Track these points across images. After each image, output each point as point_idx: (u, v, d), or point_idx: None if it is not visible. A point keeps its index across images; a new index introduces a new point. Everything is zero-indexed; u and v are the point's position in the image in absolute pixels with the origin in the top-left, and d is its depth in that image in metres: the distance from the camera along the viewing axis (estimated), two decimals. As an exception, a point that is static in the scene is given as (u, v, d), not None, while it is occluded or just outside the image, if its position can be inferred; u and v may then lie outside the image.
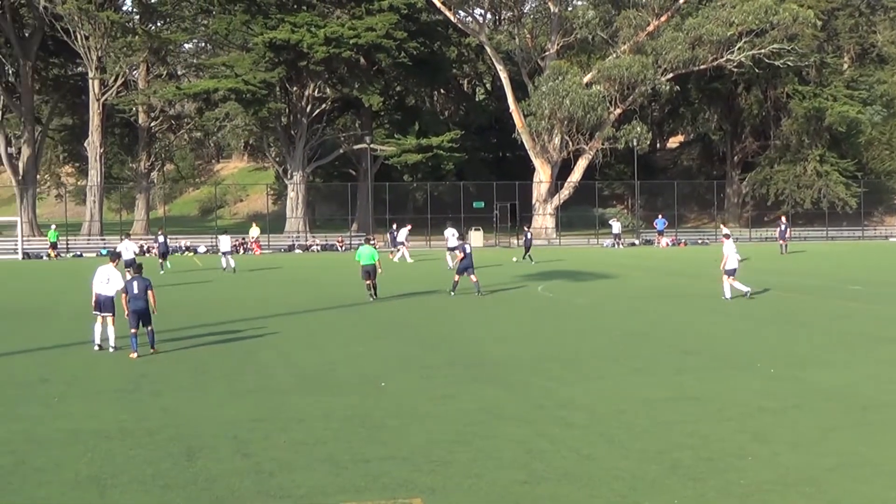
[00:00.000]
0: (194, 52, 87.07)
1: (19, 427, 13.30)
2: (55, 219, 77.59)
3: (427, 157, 73.93)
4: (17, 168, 78.15)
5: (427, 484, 10.46)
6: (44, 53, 79.20)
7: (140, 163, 79.42)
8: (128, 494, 10.20)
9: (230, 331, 23.63)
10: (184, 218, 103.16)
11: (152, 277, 21.46)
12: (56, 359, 19.58)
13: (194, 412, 14.21)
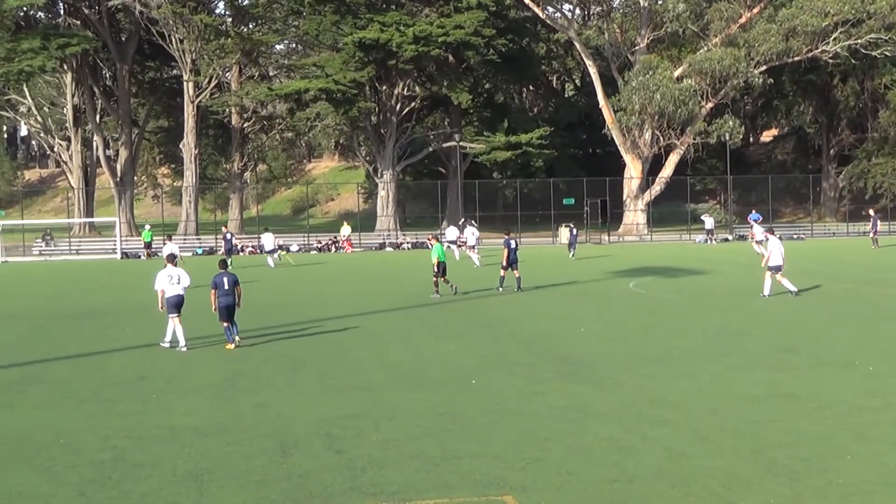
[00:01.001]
0: (285, 53, 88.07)
1: (119, 424, 13.60)
2: (152, 219, 79.17)
3: (516, 155, 73.78)
4: (115, 170, 79.97)
5: (518, 481, 10.45)
6: (140, 57, 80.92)
7: (233, 163, 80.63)
8: (224, 490, 10.37)
9: (322, 328, 23.87)
10: (276, 217, 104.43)
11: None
12: (153, 357, 19.98)
13: (288, 409, 14.39)
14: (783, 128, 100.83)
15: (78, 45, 71.18)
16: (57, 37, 71.26)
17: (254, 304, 30.41)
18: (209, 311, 20.91)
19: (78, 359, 19.81)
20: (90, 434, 12.96)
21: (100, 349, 20.99)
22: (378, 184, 77.86)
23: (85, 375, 17.77)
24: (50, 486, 10.61)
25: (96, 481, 10.77)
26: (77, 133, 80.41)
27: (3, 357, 20.09)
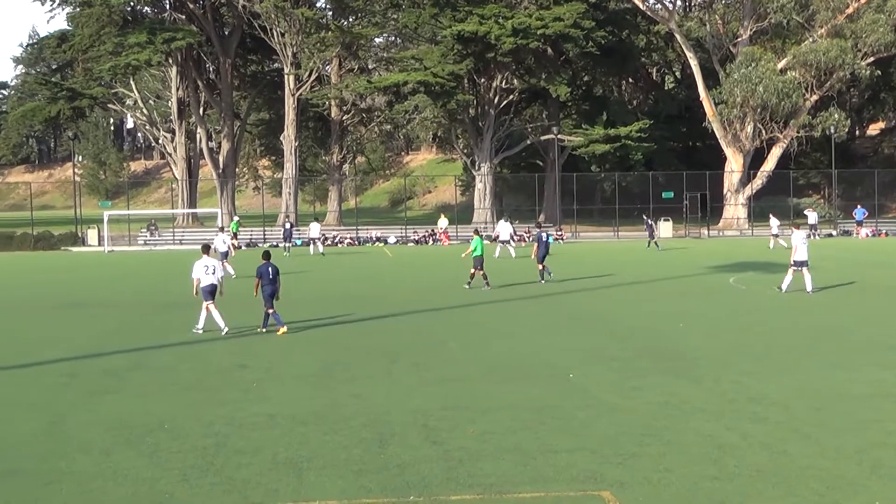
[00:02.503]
0: (384, 46, 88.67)
1: (221, 411, 13.86)
2: (253, 210, 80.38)
3: (615, 148, 73.24)
4: (217, 162, 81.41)
5: (616, 477, 10.39)
6: (242, 51, 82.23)
7: (332, 155, 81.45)
8: (323, 478, 10.50)
9: (418, 320, 24.01)
10: (374, 209, 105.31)
11: (279, 262, 22.58)
12: (253, 345, 20.31)
13: (385, 400, 14.50)
14: (890, 121, 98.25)
15: (183, 39, 72.60)
16: (163, 31, 72.76)
17: (351, 294, 30.73)
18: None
19: (180, 346, 20.23)
20: (193, 420, 13.24)
21: (201, 337, 21.40)
22: (475, 176, 77.94)
23: (187, 363, 18.14)
24: (154, 471, 10.86)
25: (199, 466, 10.99)
26: (181, 125, 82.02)
27: (109, 344, 20.62)
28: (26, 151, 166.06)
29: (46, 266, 48.82)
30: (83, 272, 44.01)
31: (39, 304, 29.76)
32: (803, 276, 28.77)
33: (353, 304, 27.53)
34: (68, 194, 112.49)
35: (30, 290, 34.93)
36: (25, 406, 14.51)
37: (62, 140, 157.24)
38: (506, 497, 9.78)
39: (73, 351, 19.73)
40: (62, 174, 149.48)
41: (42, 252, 62.29)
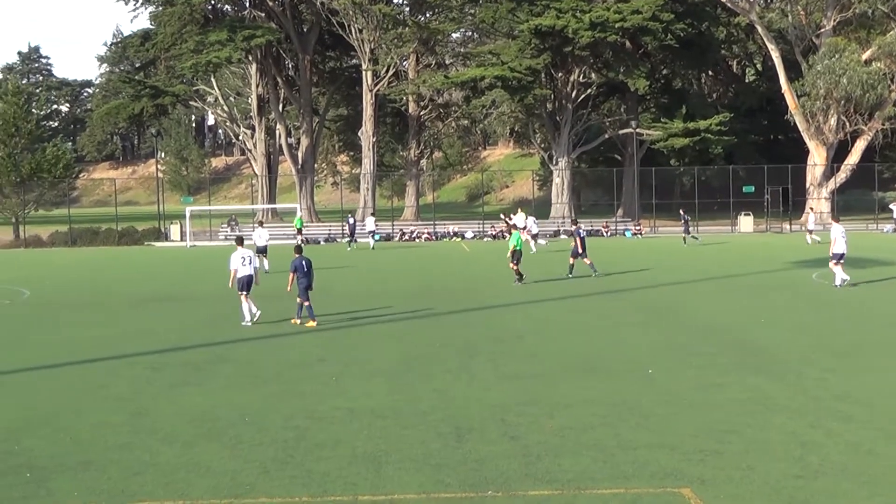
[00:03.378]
0: (461, 42, 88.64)
1: (301, 404, 13.99)
2: (332, 205, 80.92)
3: (694, 141, 72.36)
4: (296, 157, 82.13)
5: (696, 474, 10.28)
6: (321, 47, 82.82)
7: (410, 151, 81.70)
8: (402, 472, 10.55)
9: (496, 315, 24.00)
10: (451, 204, 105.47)
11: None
12: (332, 339, 20.47)
13: (463, 394, 14.52)
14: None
15: (262, 36, 73.36)
16: (242, 29, 73.57)
17: (429, 288, 30.81)
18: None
19: (260, 340, 20.47)
20: (273, 413, 13.38)
21: (281, 331, 21.63)
22: (553, 171, 77.64)
23: (267, 356, 18.35)
24: (236, 462, 11.00)
25: (279, 459, 11.11)
26: (261, 122, 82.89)
27: (191, 338, 20.94)
28: (111, 148, 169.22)
29: (130, 261, 49.73)
30: (166, 267, 44.74)
31: (124, 298, 30.31)
32: (833, 268, 28.54)
33: (431, 299, 27.60)
34: (151, 190, 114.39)
35: (114, 285, 35.60)
36: (111, 398, 14.80)
37: (145, 137, 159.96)
38: (584, 493, 9.73)
39: (156, 344, 20.07)
40: (145, 170, 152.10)
41: (126, 247, 63.46)
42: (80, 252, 59.84)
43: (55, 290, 33.82)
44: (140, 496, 9.90)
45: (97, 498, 9.84)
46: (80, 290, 34.19)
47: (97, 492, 10.04)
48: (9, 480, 10.46)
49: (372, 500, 9.68)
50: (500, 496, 9.69)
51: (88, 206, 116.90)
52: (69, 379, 16.60)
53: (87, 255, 55.57)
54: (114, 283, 36.24)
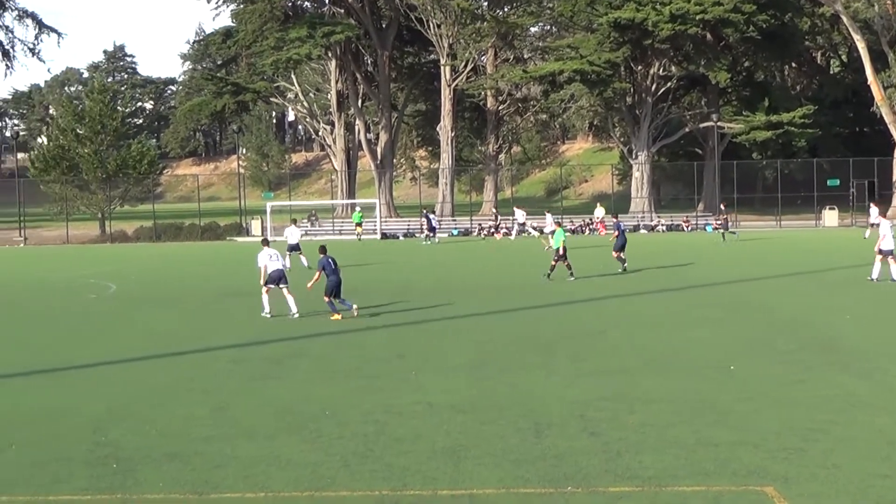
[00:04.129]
0: (540, 35, 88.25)
1: (380, 399, 14.07)
2: (410, 200, 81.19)
3: (777, 134, 71.18)
4: (375, 153, 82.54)
5: (780, 472, 10.12)
6: (399, 43, 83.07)
7: (488, 145, 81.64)
8: (481, 467, 10.54)
9: (573, 310, 23.90)
10: (530, 199, 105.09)
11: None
12: (410, 335, 20.56)
13: (541, 390, 14.47)
14: None
15: (342, 33, 73.84)
16: (322, 26, 74.12)
17: (506, 283, 30.75)
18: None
19: (339, 335, 20.61)
20: (353, 408, 13.46)
21: (359, 326, 21.75)
22: (632, 165, 77.01)
23: (346, 351, 18.49)
24: (317, 456, 11.10)
25: (359, 453, 11.18)
26: (340, 117, 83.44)
27: (271, 332, 21.17)
28: (193, 145, 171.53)
29: (213, 256, 50.44)
30: (247, 262, 45.19)
31: (206, 292, 30.76)
32: (889, 265, 28.12)
33: (509, 294, 27.59)
34: (233, 186, 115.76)
35: (197, 280, 36.14)
36: (194, 391, 15.04)
37: (227, 133, 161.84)
38: (666, 490, 9.64)
39: (237, 338, 20.33)
40: (227, 166, 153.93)
41: (209, 242, 64.41)
42: (164, 247, 60.89)
43: (140, 285, 34.43)
44: (222, 488, 10.04)
45: (181, 489, 10.00)
46: (164, 284, 34.77)
47: (181, 483, 10.20)
48: (97, 471, 10.68)
49: (451, 494, 9.70)
50: (580, 492, 9.64)
51: (172, 202, 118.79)
52: (154, 372, 16.90)
53: (170, 250, 56.53)
54: (197, 278, 36.79)
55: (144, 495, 9.83)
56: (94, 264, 44.87)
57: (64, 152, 73.30)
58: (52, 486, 10.15)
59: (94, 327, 23.31)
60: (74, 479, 10.42)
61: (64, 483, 10.28)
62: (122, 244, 65.91)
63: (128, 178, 73.23)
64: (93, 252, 56.97)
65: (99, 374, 16.92)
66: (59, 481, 10.34)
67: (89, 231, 72.48)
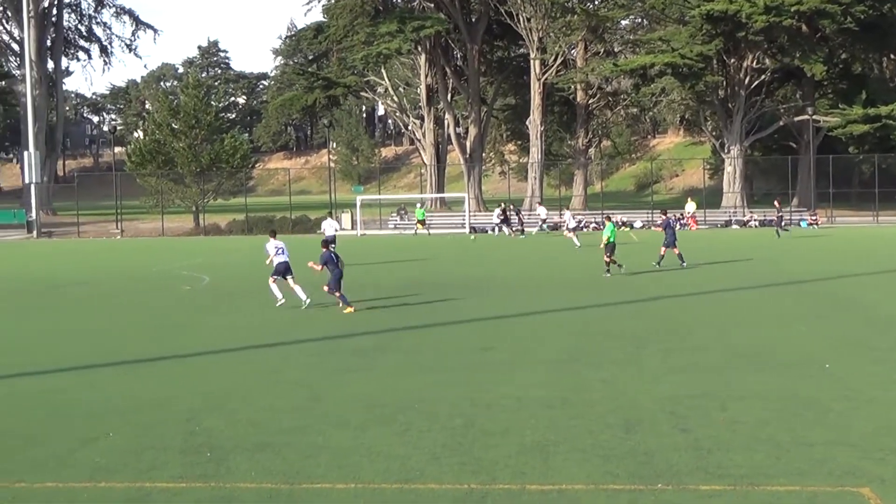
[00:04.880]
0: (631, 28, 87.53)
1: (468, 392, 14.08)
2: (499, 194, 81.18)
3: (875, 128, 69.58)
4: (464, 147, 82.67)
5: (877, 473, 9.90)
6: (489, 37, 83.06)
7: (578, 139, 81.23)
8: (570, 462, 10.50)
9: (664, 305, 23.67)
10: (619, 193, 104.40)
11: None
12: (498, 328, 20.55)
13: (631, 385, 14.35)
14: None
15: (432, 27, 74.08)
16: (412, 20, 74.45)
17: (595, 279, 30.52)
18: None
19: (426, 328, 20.70)
20: (441, 401, 13.50)
21: (447, 320, 21.81)
22: (724, 159, 75.97)
23: (434, 344, 18.54)
24: (406, 448, 11.15)
25: (448, 446, 11.20)
26: (430, 112, 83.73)
27: (359, 325, 21.32)
28: (285, 139, 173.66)
29: (303, 249, 50.91)
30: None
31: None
32: None
33: (598, 289, 27.42)
34: (323, 180, 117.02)
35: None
36: (285, 382, 15.22)
37: (318, 128, 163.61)
38: (758, 490, 9.49)
39: (326, 330, 20.54)
40: (317, 160, 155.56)
41: (299, 235, 65.10)
42: (255, 240, 61.63)
43: (232, 277, 34.98)
44: (314, 478, 10.14)
45: (273, 478, 10.13)
46: (255, 276, 35.20)
47: (273, 473, 10.33)
48: (190, 459, 10.87)
49: (540, 489, 9.67)
50: (670, 489, 9.54)
51: (263, 195, 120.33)
52: (246, 362, 17.15)
53: (262, 243, 57.13)
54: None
55: (237, 484, 9.97)
56: (188, 256, 45.68)
57: (159, 146, 74.74)
58: (148, 474, 10.36)
59: (187, 318, 23.74)
60: (169, 466, 10.62)
61: (159, 471, 10.48)
62: (215, 237, 67.03)
63: (221, 172, 74.38)
64: (187, 244, 58.03)
65: (193, 364, 17.23)
66: (154, 469, 10.55)
67: (184, 224, 73.82)
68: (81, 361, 17.45)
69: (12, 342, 20.18)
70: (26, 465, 10.77)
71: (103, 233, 74.06)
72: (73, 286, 32.86)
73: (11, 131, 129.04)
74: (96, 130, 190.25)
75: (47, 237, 72.76)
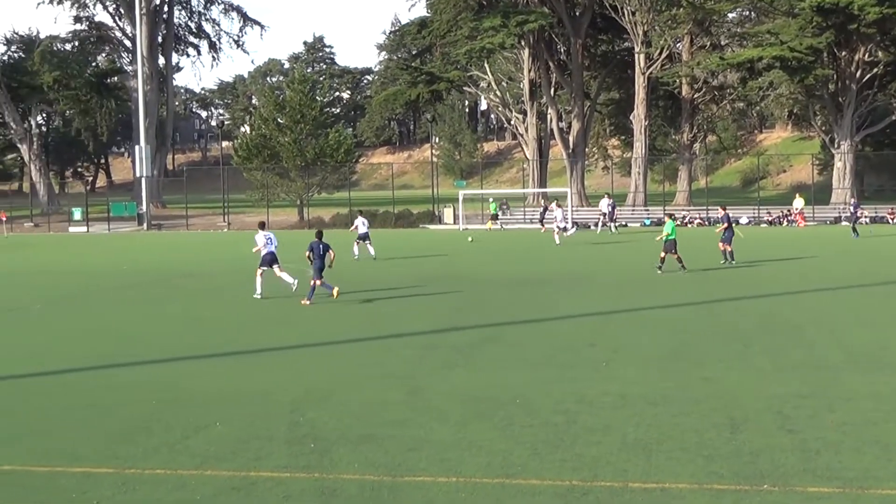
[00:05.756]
0: (738, 21, 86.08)
1: (571, 388, 14.02)
2: (602, 189, 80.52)
3: None
4: (567, 142, 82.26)
5: None
6: (593, 31, 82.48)
7: (682, 134, 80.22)
8: (672, 461, 10.39)
9: (770, 303, 23.26)
10: (724, 189, 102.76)
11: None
12: (602, 324, 20.42)
13: (737, 384, 14.13)
14: None
15: (535, 21, 73.83)
16: (516, 14, 74.29)
17: (699, 274, 30.13)
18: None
19: (530, 323, 20.66)
20: (544, 396, 13.46)
21: (551, 315, 21.76)
22: (834, 155, 74.28)
23: (537, 340, 18.50)
24: (507, 443, 11.15)
25: (550, 442, 11.17)
26: (532, 106, 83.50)
27: (463, 319, 21.40)
28: (388, 134, 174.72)
29: (406, 242, 51.29)
30: (439, 249, 45.83)
31: (399, 278, 31.30)
32: None
33: (699, 285, 27.06)
34: (426, 174, 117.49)
35: (390, 266, 36.82)
36: (387, 376, 15.33)
37: (421, 122, 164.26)
38: (868, 493, 9.27)
39: (429, 324, 20.63)
40: (420, 155, 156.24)
41: (402, 229, 65.54)
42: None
43: (335, 270, 35.25)
44: (416, 471, 10.20)
45: (375, 471, 10.22)
46: (359, 269, 35.54)
47: (375, 465, 10.42)
48: (295, 449, 11.04)
49: (643, 487, 9.59)
50: (777, 491, 9.37)
51: (367, 190, 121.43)
52: (349, 355, 17.34)
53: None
54: (390, 264, 37.48)
55: (340, 475, 10.08)
56: (293, 250, 46.25)
57: (265, 141, 75.90)
58: (253, 463, 10.54)
59: (292, 311, 24.06)
60: (275, 456, 10.79)
61: (265, 460, 10.66)
62: (319, 230, 67.73)
63: (325, 167, 75.21)
64: (292, 237, 58.68)
65: (298, 355, 17.49)
66: (260, 458, 10.73)
67: (288, 217, 74.88)
68: (192, 352, 17.87)
69: (129, 333, 20.72)
70: (139, 452, 11.06)
71: (210, 226, 75.54)
72: (182, 278, 33.60)
73: (123, 126, 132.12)
74: (204, 125, 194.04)
75: (157, 229, 74.52)
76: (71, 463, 10.64)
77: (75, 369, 16.34)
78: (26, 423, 12.47)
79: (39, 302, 26.68)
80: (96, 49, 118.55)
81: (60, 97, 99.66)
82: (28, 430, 12.11)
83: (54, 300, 27.33)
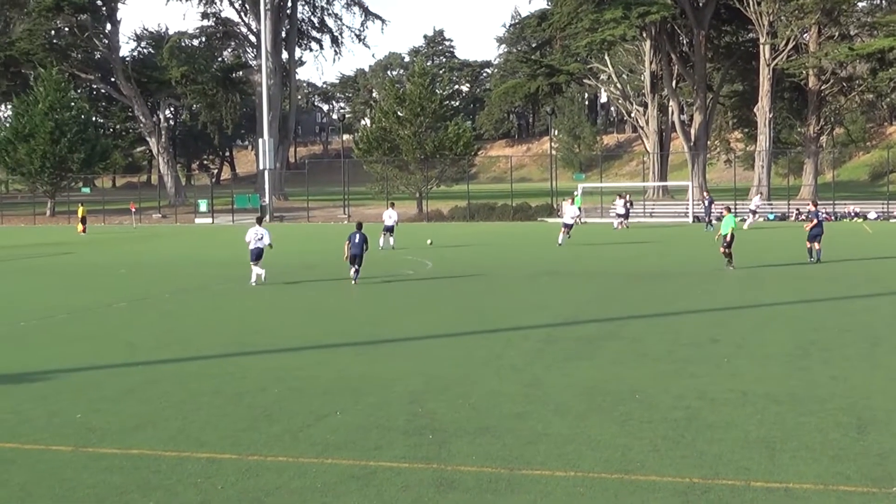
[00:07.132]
0: (869, 10, 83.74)
1: (692, 384, 13.83)
2: (724, 183, 79.29)
3: None
4: (688, 134, 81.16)
5: None
6: (716, 22, 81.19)
7: (808, 127, 78.39)
8: (797, 460, 10.16)
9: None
10: (852, 183, 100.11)
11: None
12: (725, 320, 20.08)
13: (865, 383, 13.76)
14: None
15: (657, 13, 72.97)
16: (637, 6, 73.52)
17: (823, 272, 29.41)
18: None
19: (652, 318, 20.44)
20: (663, 392, 13.30)
21: (673, 310, 21.50)
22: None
23: (658, 335, 18.28)
24: (626, 439, 11.05)
25: (669, 438, 11.03)
26: (653, 99, 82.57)
27: (583, 313, 21.29)
28: (507, 126, 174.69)
29: (524, 235, 51.24)
30: (553, 243, 45.63)
31: (518, 271, 31.30)
32: None
33: (825, 281, 26.42)
34: (544, 167, 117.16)
35: (509, 258, 36.83)
36: (507, 368, 15.33)
37: (539, 115, 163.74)
38: None
39: (550, 318, 20.58)
40: (539, 148, 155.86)
41: (520, 222, 65.48)
42: (476, 226, 62.47)
43: (454, 263, 35.48)
44: (534, 465, 10.18)
45: (493, 463, 10.22)
46: (477, 262, 35.67)
47: (493, 457, 10.43)
48: (413, 440, 11.11)
49: (765, 486, 9.40)
50: (907, 494, 9.10)
51: (485, 183, 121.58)
52: (468, 347, 17.38)
53: (483, 229, 57.88)
54: (509, 257, 37.51)
55: (458, 467, 10.11)
56: (412, 241, 46.64)
57: (385, 134, 76.62)
58: (372, 453, 10.65)
59: (411, 302, 24.26)
60: (393, 447, 10.88)
61: (384, 450, 10.75)
62: (437, 223, 68.22)
63: (444, 159, 75.60)
64: (411, 230, 59.25)
65: (417, 346, 17.62)
66: (379, 448, 10.83)
67: (407, 210, 75.45)
68: (314, 341, 18.16)
69: (253, 322, 21.16)
70: (262, 439, 11.27)
71: (331, 217, 76.63)
72: (305, 269, 34.14)
73: (247, 120, 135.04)
74: (326, 118, 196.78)
75: (279, 221, 75.91)
76: (197, 449, 10.90)
77: (202, 357, 16.76)
78: (155, 410, 12.81)
79: (168, 291, 27.43)
80: (222, 44, 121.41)
81: (187, 91, 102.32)
82: (157, 416, 12.45)
83: (181, 290, 28.07)
